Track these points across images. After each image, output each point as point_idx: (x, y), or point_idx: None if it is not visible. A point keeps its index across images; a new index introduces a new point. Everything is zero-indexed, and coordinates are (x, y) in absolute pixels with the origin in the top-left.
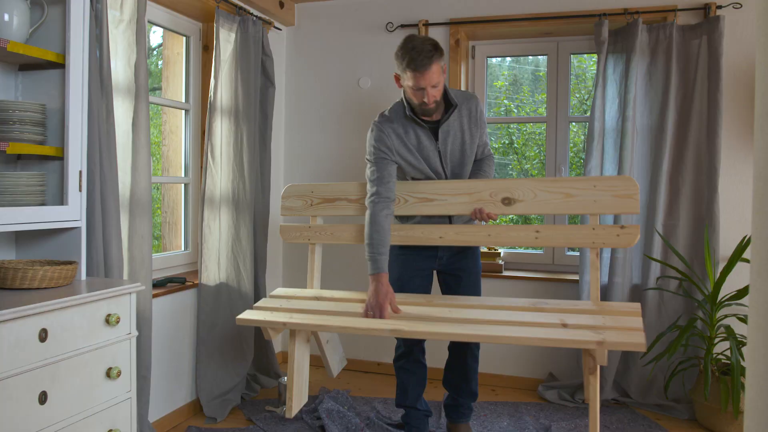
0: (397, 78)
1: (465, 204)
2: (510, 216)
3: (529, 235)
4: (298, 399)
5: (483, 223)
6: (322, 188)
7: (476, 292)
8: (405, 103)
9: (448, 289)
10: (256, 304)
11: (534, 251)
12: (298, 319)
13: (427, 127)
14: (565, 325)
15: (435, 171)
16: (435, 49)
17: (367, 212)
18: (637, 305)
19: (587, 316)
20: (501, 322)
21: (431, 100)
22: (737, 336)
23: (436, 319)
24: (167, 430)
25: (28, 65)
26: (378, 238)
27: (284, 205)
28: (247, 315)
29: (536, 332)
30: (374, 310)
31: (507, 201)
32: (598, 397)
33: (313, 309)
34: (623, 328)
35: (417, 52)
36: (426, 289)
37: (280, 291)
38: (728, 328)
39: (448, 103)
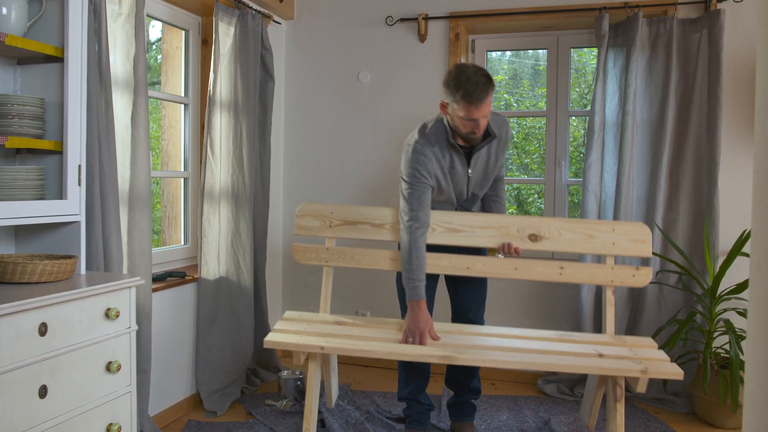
0: (444, 105)
1: (492, 237)
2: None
3: (554, 271)
4: (314, 425)
5: (501, 256)
6: (342, 210)
7: (483, 290)
8: (448, 128)
9: (457, 286)
10: (277, 326)
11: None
12: (335, 344)
13: (462, 152)
14: (601, 356)
15: (459, 193)
16: (489, 80)
17: (406, 236)
18: (650, 339)
19: (612, 348)
20: (545, 351)
21: (482, 130)
22: (736, 330)
23: (481, 347)
24: (167, 424)
25: (27, 59)
26: (418, 264)
27: (299, 224)
28: (276, 338)
29: (584, 361)
30: (414, 336)
31: (534, 237)
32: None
33: (344, 334)
34: (652, 358)
35: (473, 84)
36: (432, 287)
37: (292, 314)
38: (727, 322)
39: (485, 131)
